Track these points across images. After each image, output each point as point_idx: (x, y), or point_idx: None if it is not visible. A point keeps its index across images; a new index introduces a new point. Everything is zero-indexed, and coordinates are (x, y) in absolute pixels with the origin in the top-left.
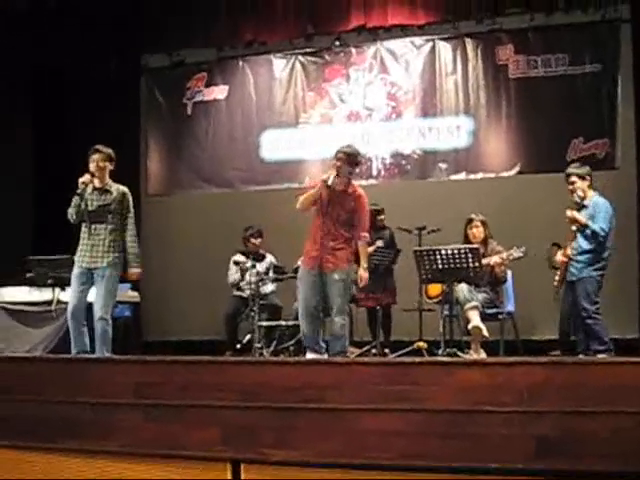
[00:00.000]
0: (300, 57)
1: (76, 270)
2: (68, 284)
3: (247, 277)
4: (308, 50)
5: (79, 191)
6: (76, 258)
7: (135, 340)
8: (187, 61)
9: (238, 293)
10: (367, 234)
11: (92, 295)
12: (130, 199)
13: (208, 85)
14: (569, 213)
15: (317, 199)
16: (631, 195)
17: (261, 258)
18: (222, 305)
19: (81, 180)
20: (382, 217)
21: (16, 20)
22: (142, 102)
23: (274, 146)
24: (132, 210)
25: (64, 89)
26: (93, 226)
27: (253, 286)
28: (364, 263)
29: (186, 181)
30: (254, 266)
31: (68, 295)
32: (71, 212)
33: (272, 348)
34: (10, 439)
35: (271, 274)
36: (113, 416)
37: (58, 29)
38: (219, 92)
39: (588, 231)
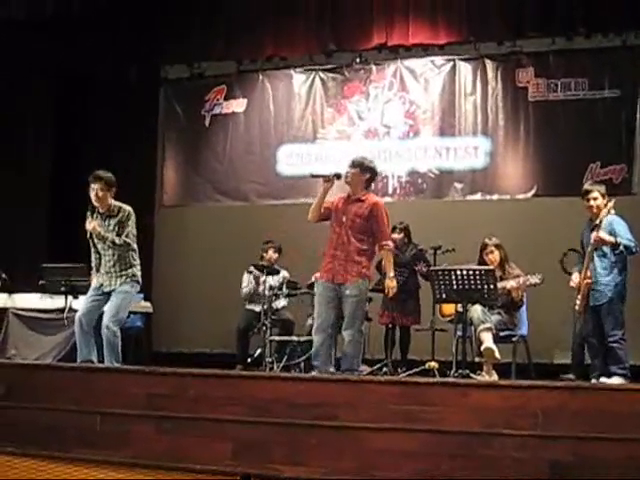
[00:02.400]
0: (320, 73)
1: (94, 284)
2: (81, 292)
3: (261, 287)
4: (328, 66)
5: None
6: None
7: (146, 351)
8: (207, 73)
9: (251, 307)
10: (389, 242)
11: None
12: (130, 218)
13: (227, 98)
14: (595, 235)
15: (330, 210)
16: None
17: (275, 272)
18: (234, 318)
19: (90, 228)
20: (396, 236)
21: (37, 29)
22: (161, 113)
23: (291, 161)
24: (129, 228)
25: (84, 98)
26: (103, 254)
27: (266, 300)
28: (389, 272)
29: (202, 193)
30: (265, 281)
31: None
32: None
33: (283, 363)
34: (20, 446)
35: (284, 289)
36: (124, 427)
37: (78, 38)
38: (238, 105)
39: (621, 247)
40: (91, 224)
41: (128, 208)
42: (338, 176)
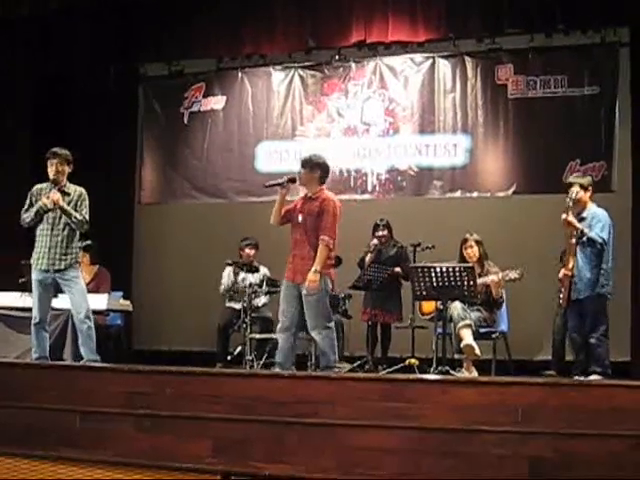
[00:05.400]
0: (299, 70)
1: (35, 275)
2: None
3: (239, 282)
4: (307, 63)
5: (35, 200)
6: (33, 260)
7: (126, 349)
8: (186, 71)
9: (231, 304)
10: (328, 237)
11: (63, 301)
12: (86, 198)
13: (206, 95)
14: (564, 216)
15: (291, 211)
16: (626, 218)
17: (255, 270)
18: (214, 316)
19: (55, 198)
20: (381, 233)
21: (12, 29)
22: (140, 110)
23: (270, 158)
24: (87, 208)
25: (63, 96)
26: (51, 227)
27: (246, 298)
28: (316, 265)
29: (180, 191)
30: (244, 279)
31: (32, 301)
32: (28, 216)
33: (263, 361)
34: None
35: (264, 287)
36: (104, 425)
37: (57, 37)
38: (216, 102)
39: (584, 238)
40: (55, 195)
41: (83, 189)
42: (293, 180)
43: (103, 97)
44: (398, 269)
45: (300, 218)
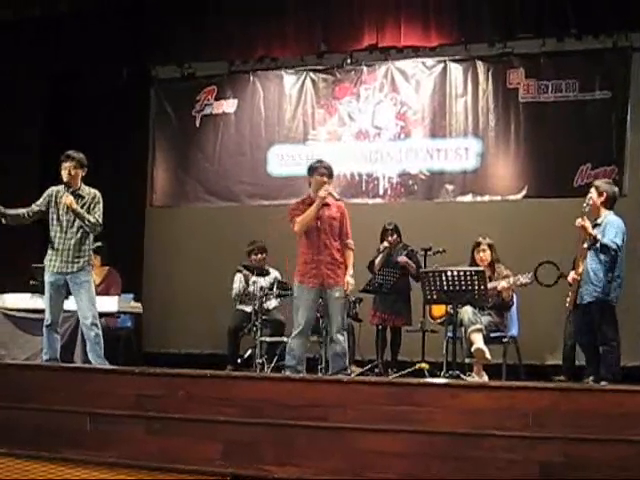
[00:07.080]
0: (311, 74)
1: (48, 277)
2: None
3: (251, 286)
4: (319, 67)
5: (47, 201)
6: (46, 262)
7: (136, 351)
8: (198, 74)
9: (242, 307)
10: (351, 240)
11: (74, 303)
12: (100, 201)
13: (218, 98)
14: (579, 221)
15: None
16: (638, 222)
17: (265, 273)
18: (224, 319)
19: (67, 202)
20: (391, 238)
21: (24, 30)
22: (151, 113)
23: (281, 161)
24: (100, 211)
25: (73, 98)
26: (64, 230)
27: (257, 301)
28: (350, 269)
29: (192, 193)
30: (255, 282)
31: (44, 303)
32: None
33: (273, 364)
34: (9, 447)
35: (275, 290)
36: (114, 427)
37: (68, 38)
38: (228, 106)
39: (598, 245)
40: (68, 198)
41: (97, 191)
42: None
43: (115, 99)
44: (411, 263)
45: (319, 224)
